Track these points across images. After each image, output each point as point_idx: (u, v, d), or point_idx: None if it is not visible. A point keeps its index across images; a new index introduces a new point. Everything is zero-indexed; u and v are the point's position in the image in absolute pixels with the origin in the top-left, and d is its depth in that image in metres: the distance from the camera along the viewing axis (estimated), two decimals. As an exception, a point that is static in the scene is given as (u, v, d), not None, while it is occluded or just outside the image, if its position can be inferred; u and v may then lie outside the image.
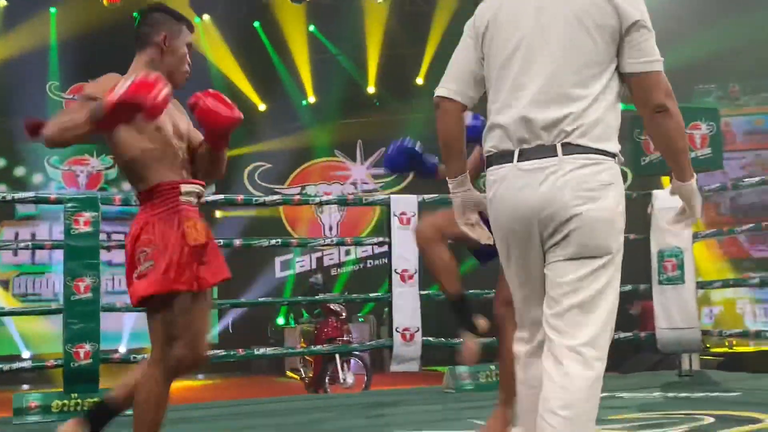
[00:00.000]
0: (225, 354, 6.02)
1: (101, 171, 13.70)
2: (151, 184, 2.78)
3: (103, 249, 5.51)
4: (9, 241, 12.14)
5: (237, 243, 6.49)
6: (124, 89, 2.43)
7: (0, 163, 13.58)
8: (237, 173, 13.95)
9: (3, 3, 12.22)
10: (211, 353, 5.82)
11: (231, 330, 13.67)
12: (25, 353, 12.51)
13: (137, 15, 3.01)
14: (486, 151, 2.34)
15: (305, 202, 6.45)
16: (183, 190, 2.80)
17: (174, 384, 2.76)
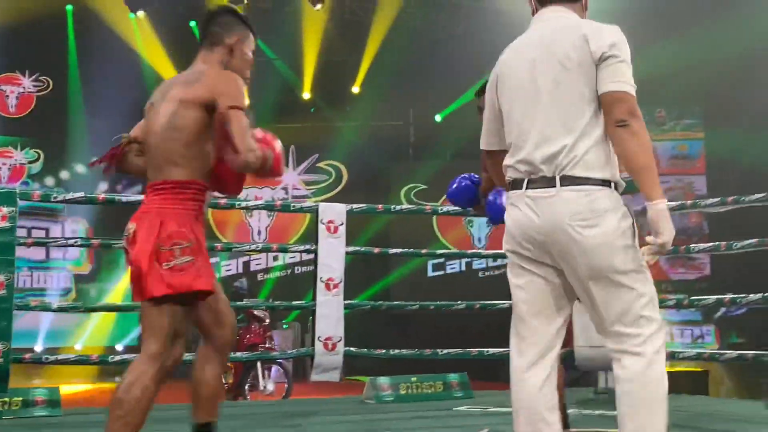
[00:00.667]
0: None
1: (24, 164, 13.31)
2: (190, 177, 2.82)
3: (21, 246, 5.36)
4: None
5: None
6: (279, 159, 2.87)
7: None
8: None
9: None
10: (127, 357, 5.69)
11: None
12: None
13: (207, 13, 3.09)
14: (506, 179, 2.64)
15: (231, 206, 6.36)
16: (209, 195, 2.93)
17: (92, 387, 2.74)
